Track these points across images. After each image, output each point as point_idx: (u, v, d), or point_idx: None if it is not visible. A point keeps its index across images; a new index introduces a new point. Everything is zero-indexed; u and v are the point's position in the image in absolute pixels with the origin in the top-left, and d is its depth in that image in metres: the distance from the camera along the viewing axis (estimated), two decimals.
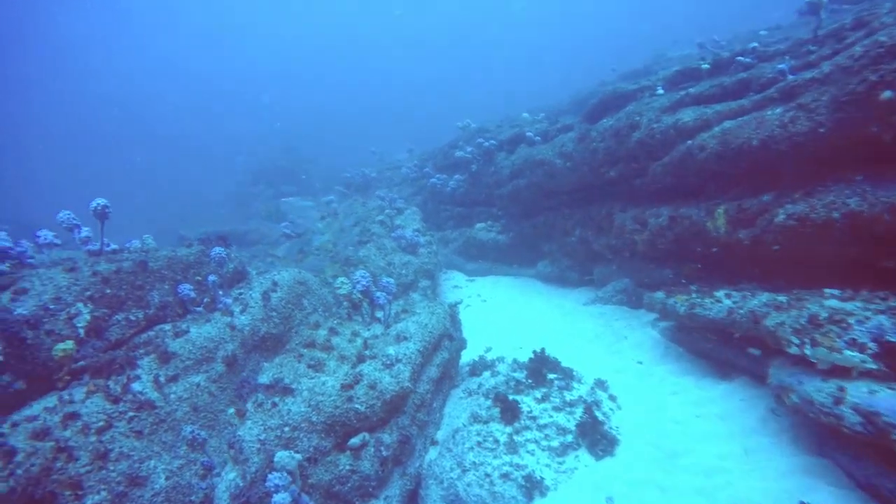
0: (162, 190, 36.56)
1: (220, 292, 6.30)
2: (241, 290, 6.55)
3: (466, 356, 7.24)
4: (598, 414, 5.60)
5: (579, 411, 5.61)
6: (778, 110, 6.10)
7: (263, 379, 4.91)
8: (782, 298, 5.43)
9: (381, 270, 10.23)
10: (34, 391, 4.63)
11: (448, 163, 15.47)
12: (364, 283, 5.94)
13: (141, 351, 5.20)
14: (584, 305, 9.40)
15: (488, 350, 7.64)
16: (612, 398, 6.15)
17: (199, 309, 6.19)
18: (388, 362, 4.94)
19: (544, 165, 10.59)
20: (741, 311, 5.84)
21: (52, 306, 4.91)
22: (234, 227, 19.13)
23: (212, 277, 5.92)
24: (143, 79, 68.20)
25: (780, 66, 6.54)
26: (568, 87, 23.82)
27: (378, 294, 5.99)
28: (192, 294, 5.97)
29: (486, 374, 6.48)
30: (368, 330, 5.49)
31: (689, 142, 7.53)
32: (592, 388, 6.14)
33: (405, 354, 5.08)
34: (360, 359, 4.97)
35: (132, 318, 5.58)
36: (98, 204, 5.42)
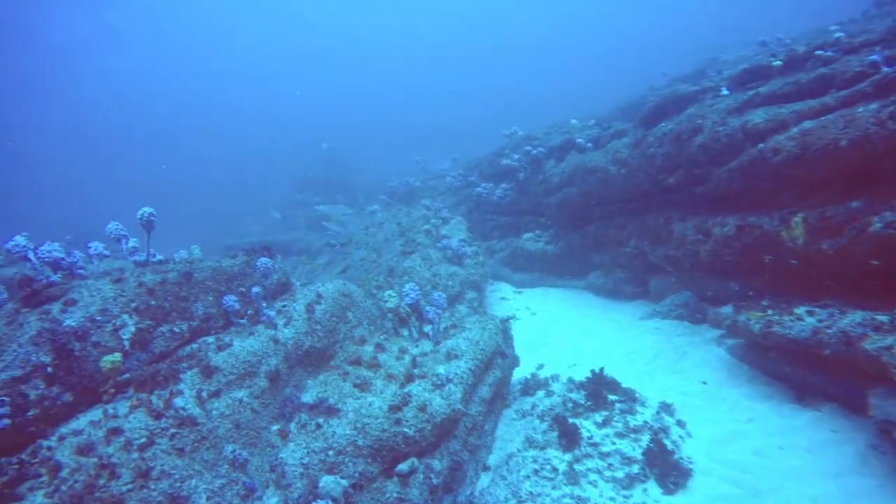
0: (201, 200, 37.51)
1: (264, 304, 6.16)
2: (285, 303, 6.40)
3: (517, 373, 6.83)
4: (666, 442, 5.08)
5: (645, 438, 5.11)
6: (873, 106, 5.45)
7: (307, 398, 4.68)
8: (883, 318, 4.78)
9: (427, 282, 9.97)
10: (81, 403, 4.56)
11: (494, 171, 15.14)
12: (413, 296, 5.65)
13: (184, 364, 5.08)
14: (641, 320, 8.82)
15: (540, 367, 7.21)
16: (681, 424, 5.60)
17: (242, 321, 6.07)
18: (439, 382, 4.62)
19: (597, 173, 10.10)
20: (830, 331, 5.21)
21: (98, 318, 4.86)
22: (277, 236, 19.41)
23: (256, 289, 5.78)
24: (174, 84, 71.08)
25: (873, 57, 5.89)
26: (603, 96, 23.13)
27: (427, 308, 5.67)
28: (237, 306, 5.84)
29: (540, 393, 6.06)
30: (416, 346, 5.19)
31: (761, 145, 6.92)
32: (658, 413, 5.61)
33: (456, 374, 4.74)
34: (409, 378, 4.67)
35: (176, 330, 5.49)
36: (144, 213, 5.38)
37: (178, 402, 4.64)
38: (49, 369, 4.40)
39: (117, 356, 4.58)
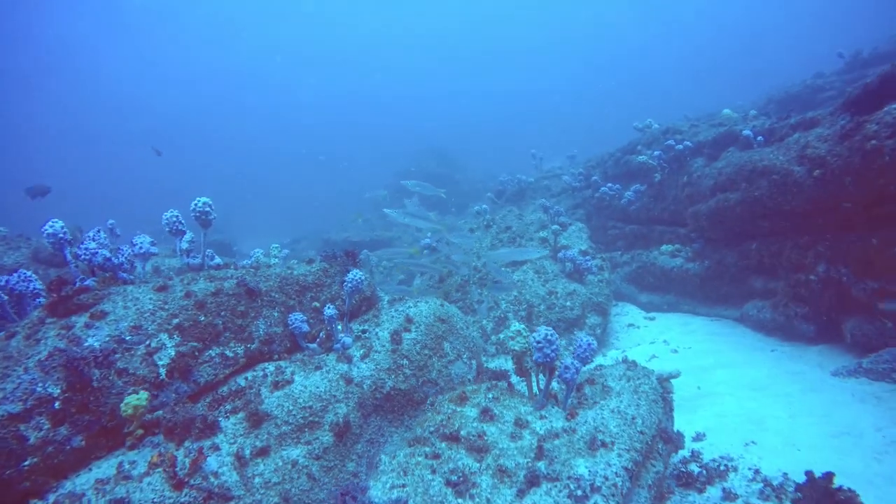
0: (295, 195, 38.08)
1: (340, 326, 4.86)
2: (366, 326, 5.06)
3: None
4: None
5: None
6: None
7: (377, 495, 3.21)
8: None
9: (540, 300, 8.25)
10: (98, 448, 3.52)
11: (621, 171, 12.96)
12: (548, 352, 3.80)
13: (227, 407, 3.89)
14: (837, 377, 6.37)
15: (699, 438, 5.21)
16: None
17: (312, 346, 4.82)
18: (580, 493, 2.94)
19: (771, 175, 7.70)
20: None
21: (129, 337, 3.81)
22: (380, 233, 18.64)
23: (329, 310, 4.48)
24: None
25: None
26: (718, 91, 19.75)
27: (569, 363, 3.82)
28: (305, 327, 4.60)
29: (713, 492, 4.12)
30: (541, 417, 3.55)
31: None
32: None
33: (605, 478, 3.03)
34: (532, 479, 3.04)
35: (229, 354, 4.35)
36: (198, 204, 4.29)
37: (211, 463, 3.42)
38: (57, 404, 3.38)
39: (143, 396, 3.47)
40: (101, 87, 66.96)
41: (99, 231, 4.36)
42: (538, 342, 3.54)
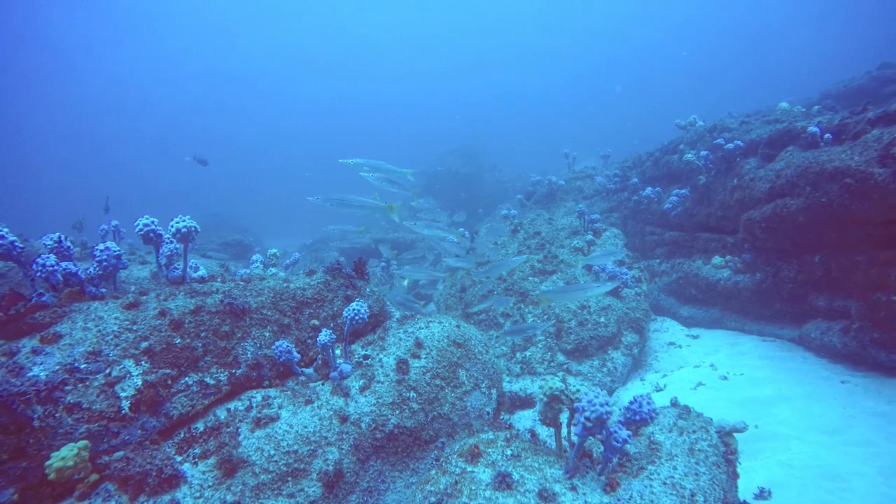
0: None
1: (338, 352, 4.21)
2: (370, 351, 4.40)
3: None
4: None
5: None
6: None
7: None
8: None
9: (571, 316, 7.45)
10: (39, 499, 2.95)
11: (662, 172, 11.97)
12: (591, 414, 2.71)
13: (196, 450, 3.27)
14: None
15: (763, 496, 4.36)
16: None
17: (308, 371, 4.19)
18: None
19: (843, 178, 6.72)
20: None
21: (83, 365, 3.23)
22: (403, 234, 18.02)
23: (324, 337, 3.83)
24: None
25: None
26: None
27: (618, 434, 2.89)
28: (294, 356, 3.95)
29: None
30: (571, 487, 2.80)
31: None
32: None
33: None
34: None
35: (209, 381, 3.74)
36: (182, 226, 3.70)
37: None
38: None
39: (77, 447, 2.87)
40: (101, 88, 67.30)
41: (62, 241, 3.80)
42: (582, 404, 2.71)
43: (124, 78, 67.98)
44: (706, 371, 7.06)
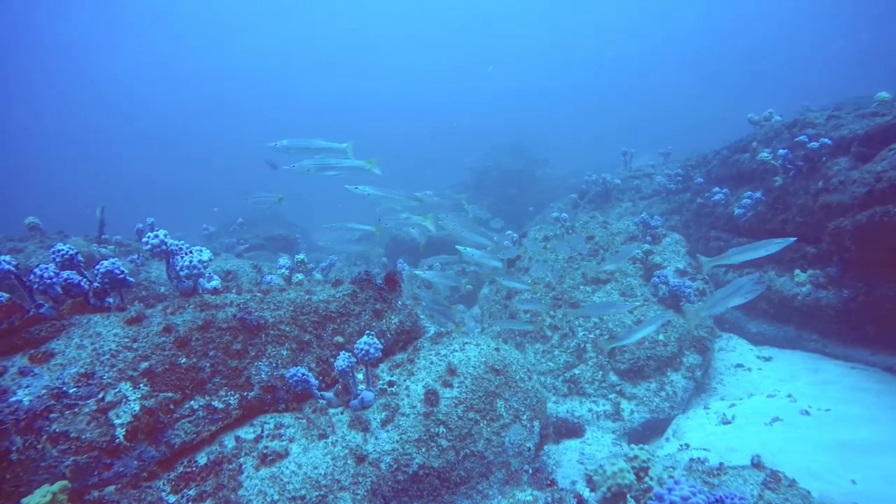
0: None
1: (360, 377, 3.76)
2: (396, 376, 3.91)
3: None
4: None
5: None
6: None
7: None
8: None
9: (627, 332, 6.72)
10: None
11: (730, 172, 10.90)
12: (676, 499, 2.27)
13: (192, 491, 2.89)
14: None
15: None
16: None
17: (328, 395, 3.76)
18: None
19: None
20: None
21: (73, 389, 2.91)
22: (449, 232, 17.52)
23: (342, 362, 3.38)
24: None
25: None
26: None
27: None
28: (312, 382, 3.53)
29: None
30: None
31: None
32: None
33: None
34: None
35: (217, 405, 3.37)
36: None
37: None
38: None
39: (52, 490, 2.53)
40: (102, 88, 67.50)
41: (62, 253, 3.45)
42: (666, 492, 2.08)
43: (127, 77, 68.64)
44: (783, 403, 6.17)
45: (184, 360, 3.33)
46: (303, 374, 3.63)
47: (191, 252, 3.74)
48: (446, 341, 4.33)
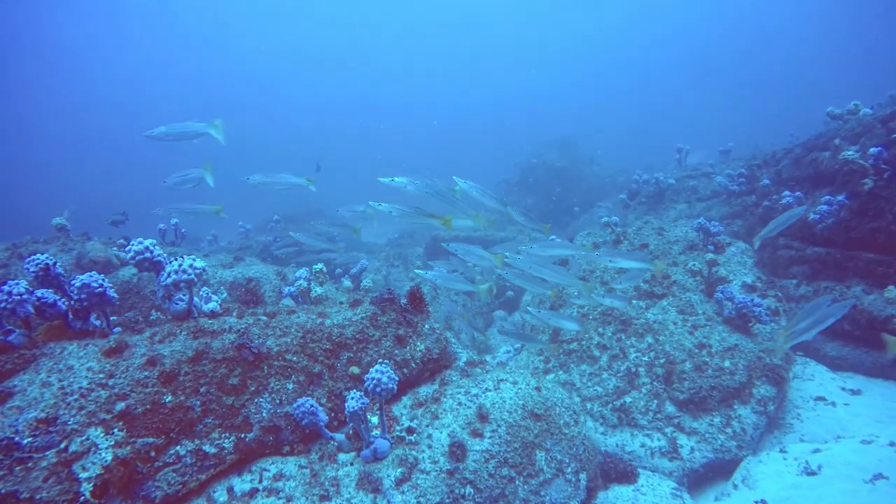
0: None
1: (375, 420, 3.20)
2: (417, 422, 3.33)
3: None
4: None
5: None
6: None
7: None
8: None
9: (686, 356, 5.96)
10: None
11: (805, 173, 9.75)
12: None
13: None
14: None
15: None
16: None
17: (339, 437, 3.22)
18: None
19: None
20: None
21: (27, 440, 2.47)
22: (491, 232, 16.83)
23: (353, 403, 2.84)
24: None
25: None
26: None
27: None
28: (321, 417, 3.00)
29: None
30: None
31: None
32: None
33: None
34: None
35: (209, 449, 2.89)
36: (183, 277, 2.83)
37: None
38: None
39: None
40: (102, 88, 67.89)
41: (37, 263, 3.04)
42: None
43: (128, 76, 69.10)
44: (885, 453, 5.18)
45: (169, 398, 2.87)
46: (311, 406, 3.10)
47: (182, 258, 3.26)
48: (479, 376, 3.72)
